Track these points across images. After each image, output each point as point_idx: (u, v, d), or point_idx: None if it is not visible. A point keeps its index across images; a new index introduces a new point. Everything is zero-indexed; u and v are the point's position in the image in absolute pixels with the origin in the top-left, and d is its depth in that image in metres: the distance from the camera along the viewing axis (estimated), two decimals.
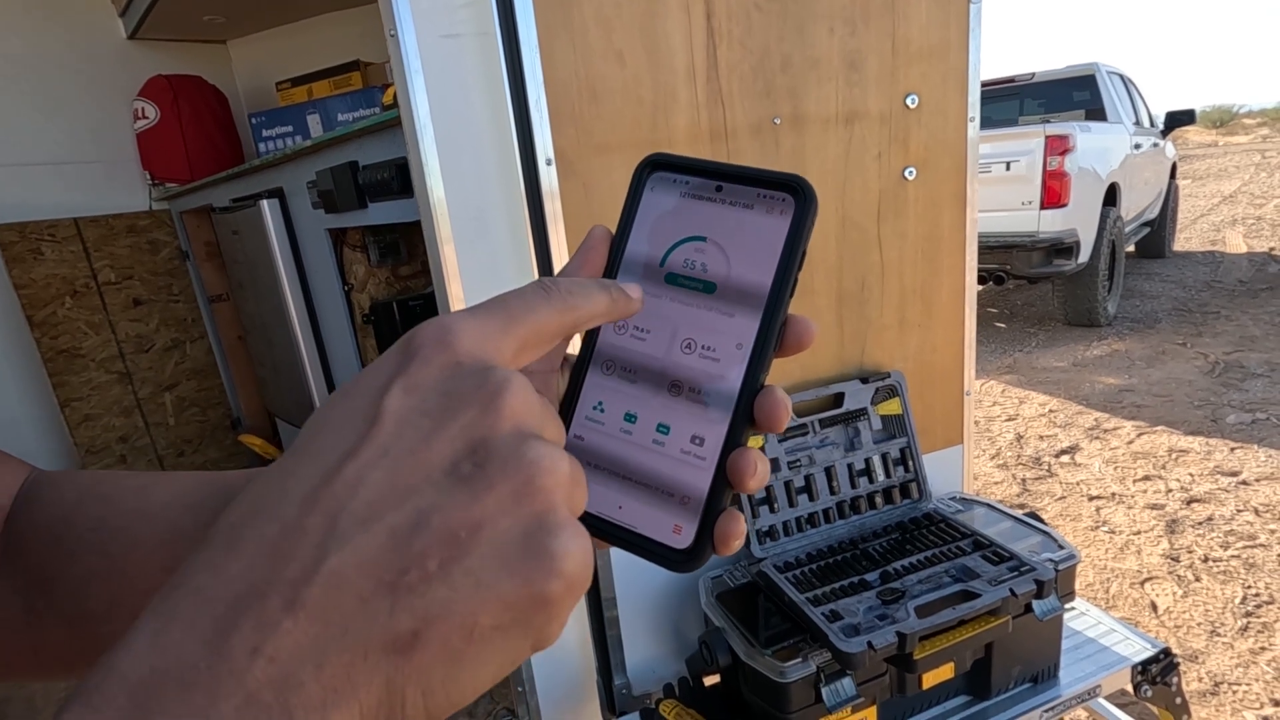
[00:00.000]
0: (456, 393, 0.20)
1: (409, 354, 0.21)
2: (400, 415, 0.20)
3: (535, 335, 0.23)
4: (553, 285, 0.24)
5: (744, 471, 0.25)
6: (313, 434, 0.21)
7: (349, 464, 0.19)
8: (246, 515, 0.19)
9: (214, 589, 0.18)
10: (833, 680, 0.96)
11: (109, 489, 0.37)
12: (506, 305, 0.23)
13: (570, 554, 0.19)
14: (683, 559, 0.25)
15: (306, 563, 0.18)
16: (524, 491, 0.19)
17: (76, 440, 2.46)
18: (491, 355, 0.22)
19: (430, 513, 0.19)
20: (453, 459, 0.20)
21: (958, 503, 1.33)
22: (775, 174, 0.27)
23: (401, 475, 0.19)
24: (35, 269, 2.34)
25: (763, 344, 0.26)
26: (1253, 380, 3.42)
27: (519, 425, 0.20)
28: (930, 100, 1.23)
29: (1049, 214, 4.07)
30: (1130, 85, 5.62)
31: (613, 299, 0.26)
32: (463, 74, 0.98)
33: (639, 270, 0.28)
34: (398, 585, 0.18)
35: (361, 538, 0.18)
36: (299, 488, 0.19)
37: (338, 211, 1.49)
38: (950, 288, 1.33)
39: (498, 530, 0.19)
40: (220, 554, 0.18)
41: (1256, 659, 1.71)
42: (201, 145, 2.49)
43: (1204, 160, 17.72)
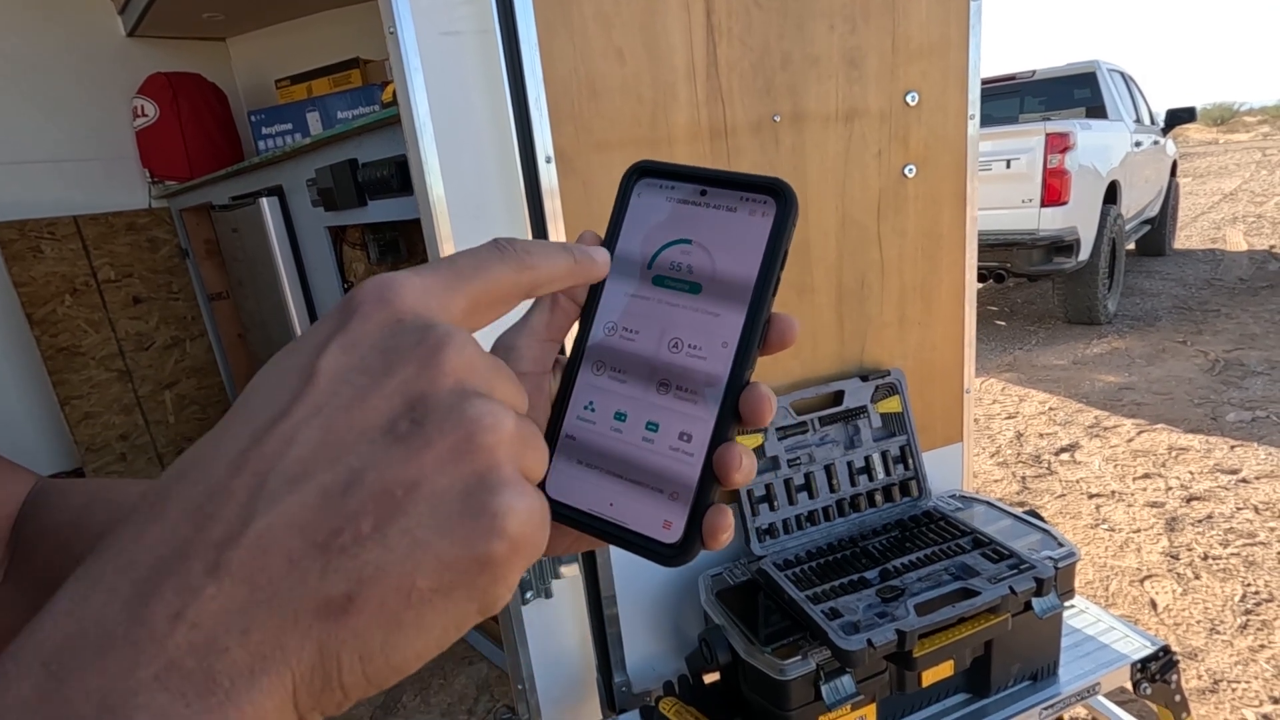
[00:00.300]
0: (395, 349, 0.20)
1: (348, 311, 0.20)
2: (336, 373, 0.19)
3: (487, 294, 0.23)
4: (508, 244, 0.24)
5: (729, 466, 0.25)
6: (248, 396, 0.20)
7: (281, 423, 0.19)
8: (173, 478, 0.18)
9: (135, 553, 0.17)
10: (832, 678, 0.96)
11: (116, 494, 0.37)
12: (455, 263, 0.22)
13: (514, 511, 0.19)
14: (673, 553, 0.26)
15: (232, 524, 0.17)
16: (464, 449, 0.19)
17: (77, 438, 2.46)
18: (436, 312, 0.21)
19: (364, 471, 0.18)
20: (390, 416, 0.19)
21: (957, 500, 1.33)
22: (757, 178, 0.28)
23: (335, 433, 0.18)
24: (35, 267, 2.34)
25: (747, 342, 0.26)
26: (1253, 378, 3.41)
27: (461, 382, 0.20)
28: (930, 98, 1.23)
29: (1049, 212, 4.07)
30: (1131, 83, 5.62)
31: (576, 260, 0.25)
32: (462, 71, 0.98)
33: (627, 272, 0.29)
34: (329, 546, 0.17)
35: (291, 498, 0.18)
36: (229, 447, 0.19)
37: (337, 209, 1.49)
38: (950, 285, 1.33)
39: (436, 489, 0.18)
40: (144, 517, 0.18)
41: (1256, 657, 1.71)
42: (201, 143, 2.48)
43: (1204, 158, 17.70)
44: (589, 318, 0.29)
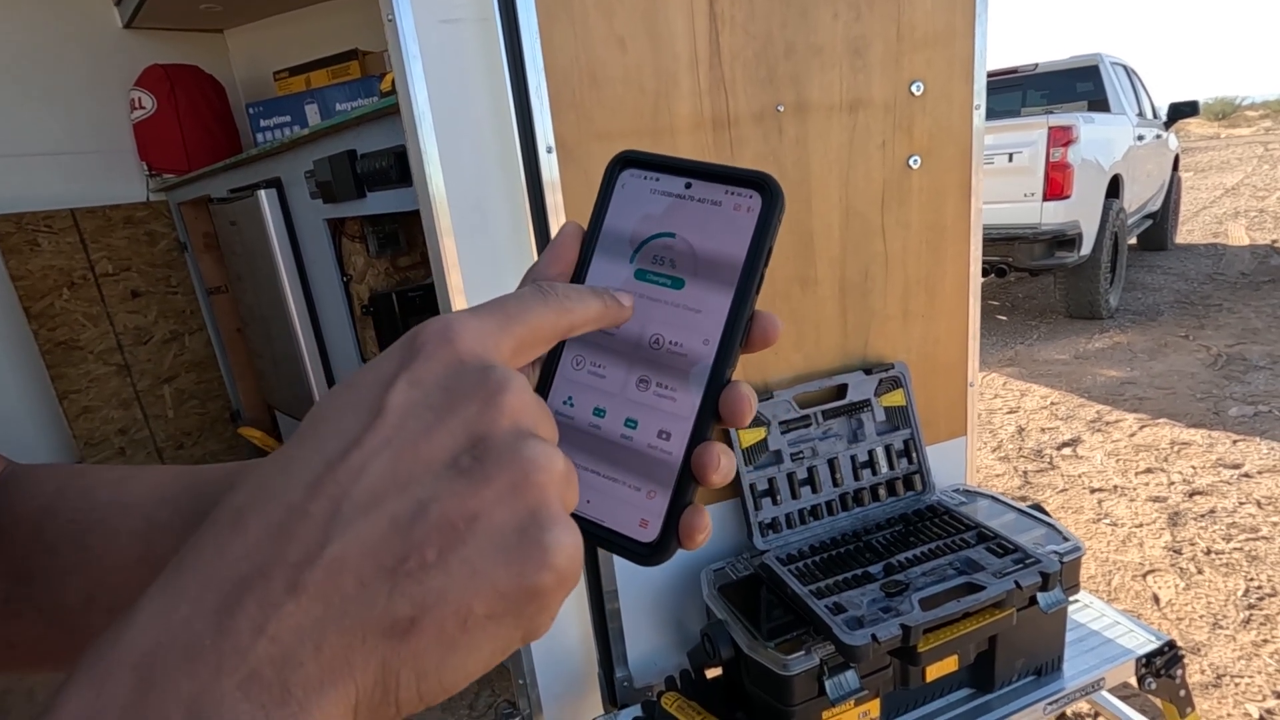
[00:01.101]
0: (458, 389, 0.21)
1: (413, 350, 0.22)
2: (404, 408, 0.20)
3: (532, 336, 0.24)
4: (550, 289, 0.25)
5: (707, 465, 0.25)
6: (316, 423, 0.21)
7: (353, 452, 0.20)
8: (251, 498, 0.20)
9: (219, 568, 0.18)
10: (836, 673, 0.96)
11: (88, 481, 0.36)
12: (505, 307, 0.24)
13: (562, 547, 0.20)
14: (648, 553, 0.25)
15: (310, 546, 0.18)
16: (520, 486, 0.20)
17: (75, 433, 2.45)
18: (491, 353, 0.22)
19: (430, 502, 0.19)
20: (453, 452, 0.20)
21: (961, 495, 1.32)
22: (743, 171, 0.27)
23: (403, 465, 0.20)
24: (32, 260, 2.33)
25: (729, 339, 0.26)
26: (1255, 373, 3.40)
27: (517, 423, 0.21)
28: (935, 87, 1.21)
29: (1051, 206, 4.05)
30: (1134, 76, 5.59)
31: (605, 305, 0.26)
32: (462, 60, 0.97)
33: (609, 266, 0.28)
34: (397, 571, 0.19)
35: (363, 524, 0.19)
36: (303, 473, 0.20)
37: (336, 201, 1.47)
38: (954, 278, 1.32)
39: (494, 522, 0.20)
40: (225, 534, 0.19)
41: (1259, 651, 1.71)
42: (199, 136, 2.47)
43: (1206, 152, 17.65)
44: None
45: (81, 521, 0.34)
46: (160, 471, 0.37)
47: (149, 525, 0.34)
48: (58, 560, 0.34)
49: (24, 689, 1.92)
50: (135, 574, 0.34)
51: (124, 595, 0.34)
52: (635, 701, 1.18)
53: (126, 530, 0.34)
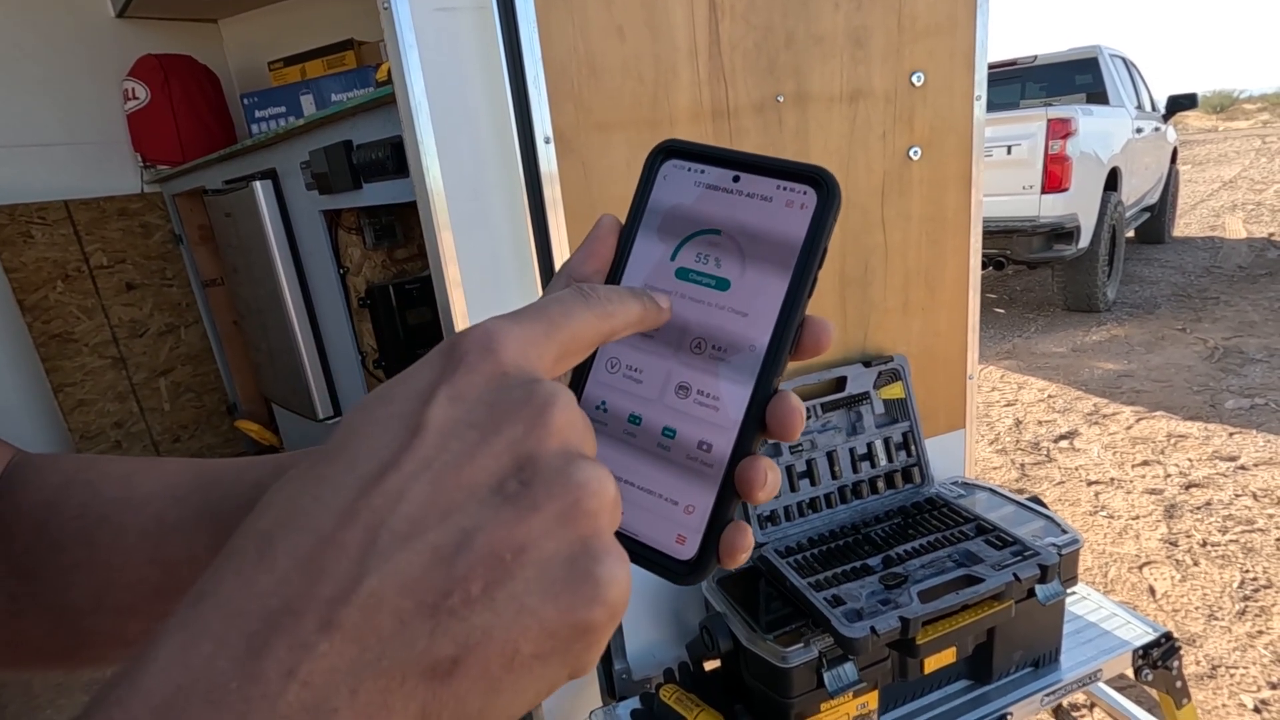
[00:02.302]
0: (503, 405, 0.19)
1: (453, 360, 0.20)
2: (444, 426, 0.19)
3: (575, 342, 0.23)
4: (591, 291, 0.23)
5: (753, 482, 0.24)
6: (349, 438, 0.19)
7: (390, 475, 0.18)
8: (279, 523, 0.18)
9: (245, 603, 0.17)
10: (835, 665, 0.96)
11: (94, 475, 0.35)
12: (547, 311, 0.22)
13: (616, 581, 0.19)
14: (686, 571, 0.24)
15: (344, 581, 0.17)
16: (570, 514, 0.19)
17: (71, 426, 2.44)
18: (535, 364, 0.21)
19: (474, 532, 0.18)
20: (499, 476, 0.19)
21: (960, 487, 1.32)
22: (797, 165, 0.25)
23: (445, 490, 0.18)
24: (25, 252, 2.31)
25: (778, 346, 0.24)
26: (1251, 365, 3.41)
27: (566, 443, 0.20)
28: (936, 78, 1.21)
29: (1050, 198, 4.05)
30: (1133, 68, 5.58)
31: (645, 308, 0.25)
32: (458, 49, 0.96)
33: (648, 263, 0.27)
34: (439, 608, 0.17)
35: (402, 556, 0.17)
36: (336, 497, 0.18)
37: (332, 192, 1.46)
38: (955, 270, 1.32)
39: (543, 554, 0.18)
40: (251, 564, 0.17)
41: (1254, 642, 1.72)
42: (193, 126, 2.44)
43: (1204, 145, 17.65)
44: None
45: (88, 518, 0.33)
46: (170, 466, 0.35)
47: (158, 524, 0.33)
48: (63, 558, 0.33)
49: (21, 683, 1.92)
50: (143, 574, 0.33)
51: (132, 595, 0.33)
52: (634, 694, 1.18)
53: (135, 529, 0.33)
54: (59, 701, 1.84)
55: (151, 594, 0.33)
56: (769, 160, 0.26)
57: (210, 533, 0.33)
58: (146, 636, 0.35)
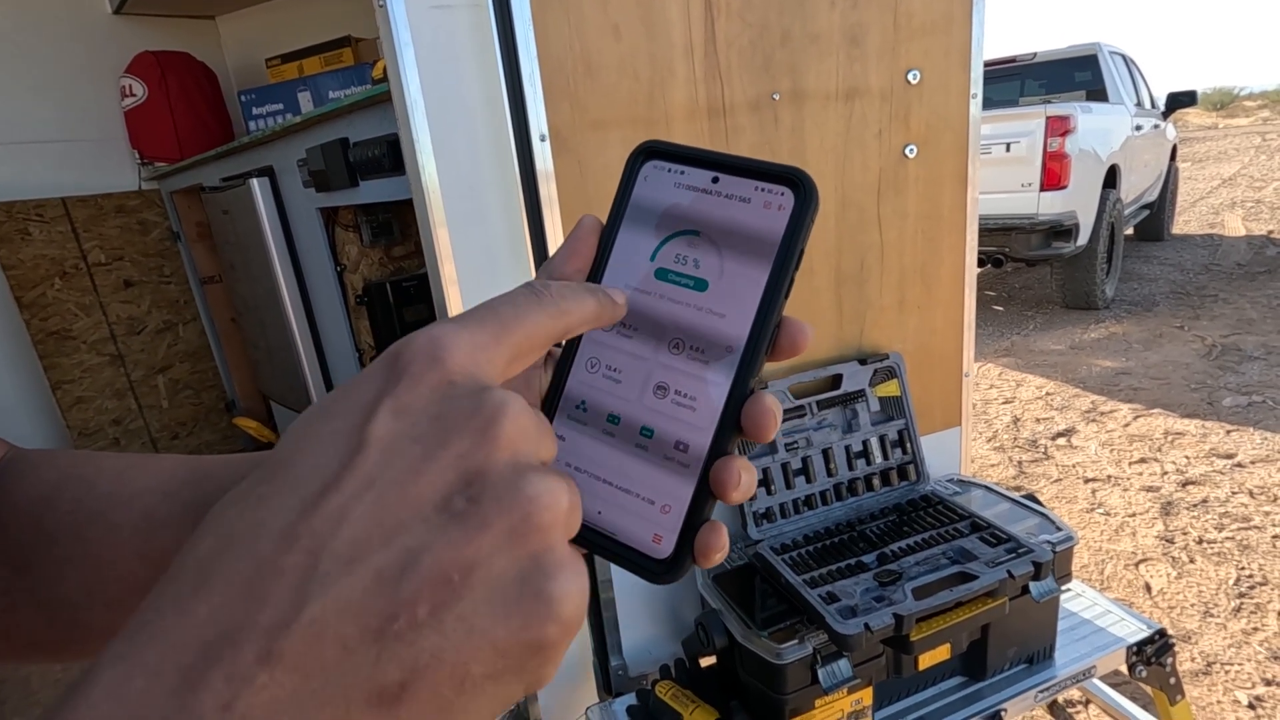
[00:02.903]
0: (449, 417, 0.19)
1: (397, 371, 0.19)
2: (388, 441, 0.18)
3: (528, 342, 0.22)
4: (543, 289, 0.23)
5: (727, 482, 0.24)
6: (290, 456, 0.19)
7: (331, 495, 0.18)
8: (217, 548, 0.17)
9: (181, 633, 0.16)
10: (829, 662, 0.96)
11: (88, 470, 0.36)
12: (498, 313, 0.22)
13: (568, 596, 0.18)
14: (661, 570, 0.24)
15: (284, 608, 0.16)
16: (520, 529, 0.18)
17: (69, 423, 2.44)
18: (485, 369, 0.20)
19: (420, 552, 0.17)
20: (445, 492, 0.18)
21: (955, 485, 1.32)
22: (774, 166, 0.26)
23: (389, 509, 0.18)
24: (23, 249, 2.31)
25: (754, 347, 0.25)
26: (1249, 363, 3.42)
27: (516, 454, 0.19)
28: (932, 76, 1.21)
29: (1048, 196, 4.05)
30: (1132, 66, 5.57)
31: (600, 304, 0.25)
32: (454, 46, 0.96)
33: (628, 264, 0.27)
34: (384, 633, 0.17)
35: (345, 580, 0.17)
36: (276, 520, 0.17)
37: (329, 190, 1.46)
38: (950, 268, 1.32)
39: (492, 572, 0.18)
40: (188, 591, 0.17)
41: (1249, 639, 1.72)
42: (190, 123, 2.44)
43: (1204, 143, 17.64)
44: None
45: (81, 513, 0.34)
46: (163, 462, 0.36)
47: (148, 520, 0.33)
48: (56, 551, 0.33)
49: (19, 679, 1.93)
50: (134, 568, 0.33)
51: (123, 589, 0.33)
52: (630, 690, 1.19)
53: (127, 524, 0.33)
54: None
55: (142, 588, 0.33)
56: (747, 161, 0.26)
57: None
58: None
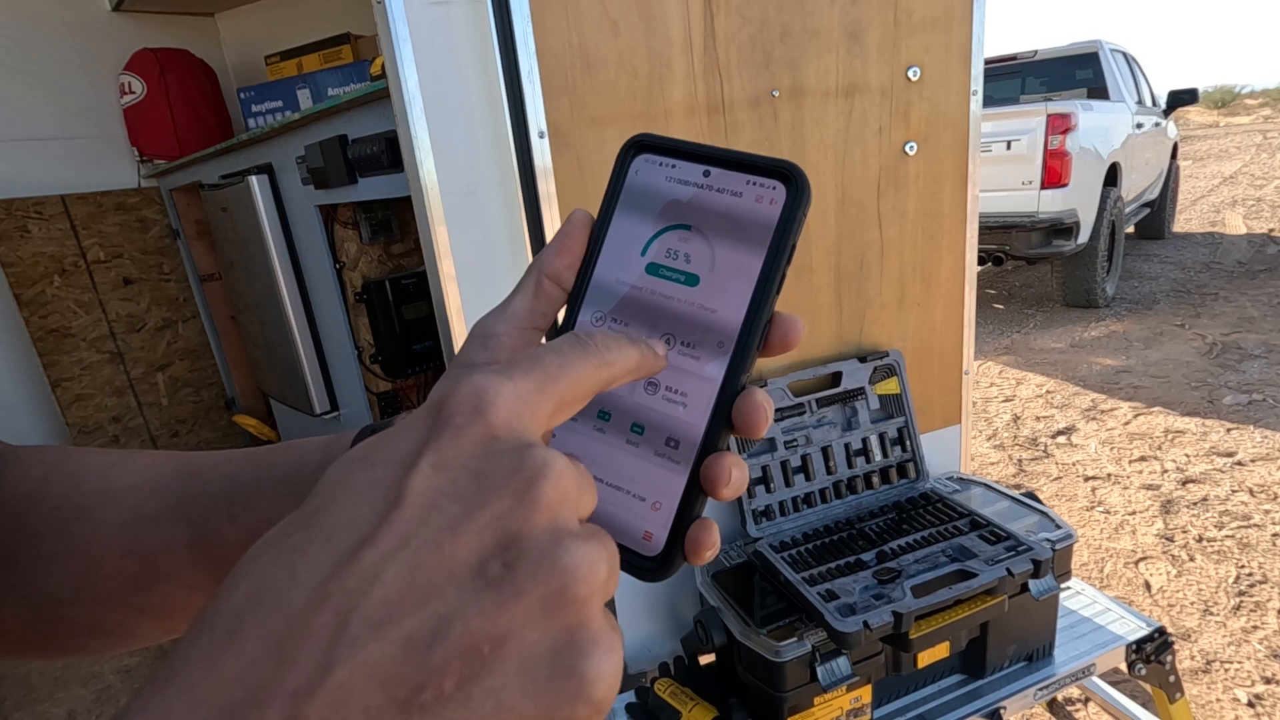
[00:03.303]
0: (490, 475, 0.18)
1: (440, 422, 0.19)
2: (426, 497, 0.18)
3: (572, 394, 0.22)
4: (589, 339, 0.22)
5: (717, 479, 0.23)
6: (328, 504, 0.19)
7: (366, 552, 0.17)
8: (250, 600, 0.17)
9: (210, 689, 0.16)
10: (828, 659, 0.96)
11: (75, 467, 0.36)
12: (543, 363, 0.21)
13: (602, 677, 0.18)
14: (652, 567, 0.24)
15: (311, 671, 0.16)
16: (556, 601, 0.18)
17: (69, 420, 2.44)
18: (528, 423, 0.20)
19: (452, 620, 0.17)
20: (480, 556, 0.18)
21: (955, 482, 1.32)
22: (766, 159, 0.25)
23: (423, 571, 0.17)
24: (22, 247, 2.31)
25: (745, 343, 0.24)
26: (1250, 361, 3.41)
27: (555, 520, 0.18)
28: (932, 73, 1.20)
29: (1049, 194, 4.04)
30: (1133, 63, 5.56)
31: (643, 355, 0.24)
32: (452, 43, 0.96)
33: (620, 258, 0.27)
34: (410, 704, 0.16)
35: (374, 645, 0.16)
36: (309, 575, 0.17)
37: (328, 187, 1.46)
38: (950, 266, 1.32)
39: (524, 645, 0.17)
40: (219, 644, 0.17)
41: (1249, 638, 1.72)
42: (190, 121, 2.44)
43: (1205, 141, 17.62)
44: (575, 306, 0.27)
45: (67, 509, 0.34)
46: (151, 458, 0.36)
47: (136, 516, 0.33)
48: (42, 547, 0.33)
49: (19, 676, 1.93)
50: (121, 565, 0.33)
51: (110, 586, 0.33)
52: (629, 688, 1.19)
53: (113, 520, 0.33)
54: (56, 695, 1.84)
55: (129, 584, 0.33)
56: (739, 155, 0.26)
57: (187, 524, 0.33)
58: (123, 629, 0.35)
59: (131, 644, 0.36)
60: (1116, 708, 1.45)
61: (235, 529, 0.32)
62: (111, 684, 1.85)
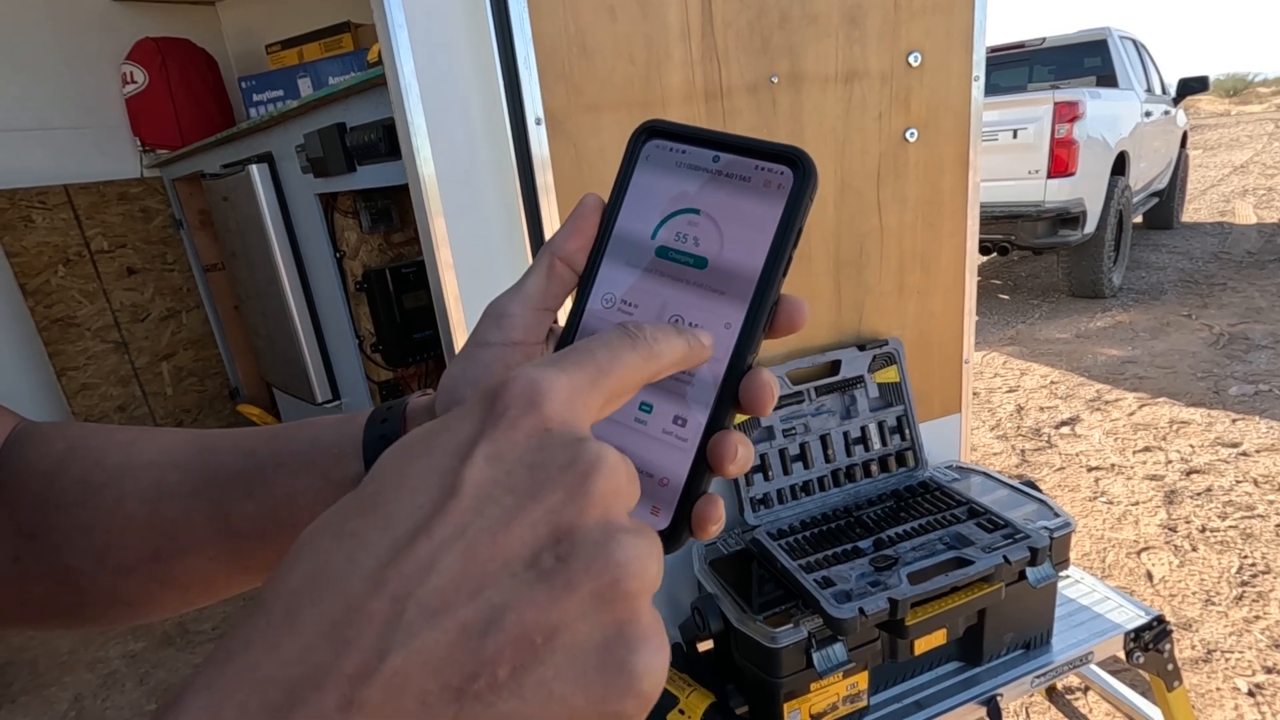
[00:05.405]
0: (544, 468, 0.19)
1: (496, 413, 0.19)
2: (481, 488, 0.18)
3: (621, 386, 0.22)
4: (638, 331, 0.23)
5: (724, 456, 0.24)
6: (385, 490, 0.19)
7: (421, 540, 0.18)
8: (308, 583, 0.18)
9: (270, 669, 0.16)
10: (824, 646, 0.96)
11: (98, 442, 0.36)
12: (594, 355, 0.21)
13: (651, 672, 0.18)
14: (659, 541, 0.25)
15: (368, 655, 0.16)
16: (608, 595, 0.18)
17: (74, 409, 2.46)
18: (581, 416, 0.20)
19: (505, 610, 0.17)
20: (534, 548, 0.18)
21: (954, 471, 1.32)
22: (774, 145, 0.26)
23: (478, 562, 0.18)
24: (26, 237, 2.32)
25: (751, 324, 0.25)
26: (1257, 352, 3.39)
27: (608, 514, 0.19)
28: (933, 58, 1.19)
29: (1055, 183, 4.00)
30: (1143, 51, 5.49)
31: (690, 345, 0.24)
32: (449, 28, 0.95)
33: (630, 242, 0.28)
34: (464, 692, 0.17)
35: (430, 633, 0.17)
36: (366, 561, 0.18)
37: (327, 176, 1.46)
38: (951, 253, 1.31)
39: (575, 637, 0.18)
40: (278, 625, 0.17)
41: (1250, 628, 1.72)
42: (191, 110, 2.44)
43: (1216, 130, 17.42)
44: (586, 288, 0.28)
45: (90, 482, 0.34)
46: (171, 434, 0.36)
47: (157, 489, 0.34)
48: (66, 519, 0.34)
49: (26, 660, 1.95)
50: (142, 536, 0.34)
51: (131, 557, 0.34)
52: None
53: (135, 493, 0.34)
54: (63, 679, 1.86)
55: (150, 556, 0.34)
56: (748, 140, 0.26)
57: (207, 498, 0.34)
58: (142, 599, 0.35)
59: (150, 615, 0.36)
60: (1115, 696, 1.46)
61: (253, 503, 0.33)
62: (117, 669, 1.87)
